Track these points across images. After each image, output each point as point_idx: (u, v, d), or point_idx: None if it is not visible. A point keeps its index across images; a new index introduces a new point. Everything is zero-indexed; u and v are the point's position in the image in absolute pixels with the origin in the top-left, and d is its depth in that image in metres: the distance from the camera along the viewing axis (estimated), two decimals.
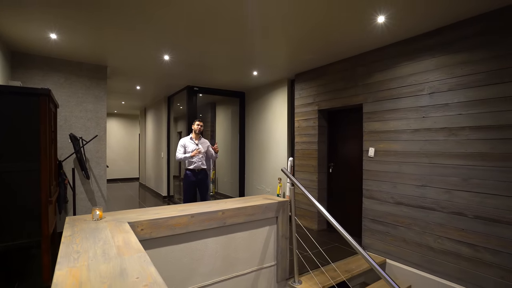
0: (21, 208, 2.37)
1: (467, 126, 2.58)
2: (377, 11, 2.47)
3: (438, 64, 2.78)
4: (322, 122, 4.21)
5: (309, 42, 3.21)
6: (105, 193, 4.15)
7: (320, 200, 4.20)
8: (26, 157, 2.36)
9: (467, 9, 2.42)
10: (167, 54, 3.64)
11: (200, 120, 4.03)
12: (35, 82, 3.59)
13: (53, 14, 2.53)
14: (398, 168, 3.11)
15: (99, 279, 1.03)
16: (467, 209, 2.57)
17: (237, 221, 2.28)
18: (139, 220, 1.87)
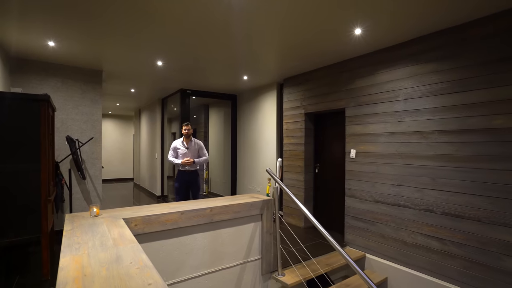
0: (22, 206, 2.54)
1: (436, 130, 2.81)
2: (354, 25, 2.69)
3: (411, 73, 3.02)
4: (309, 124, 4.43)
5: (296, 51, 3.43)
6: (100, 192, 4.31)
7: (307, 199, 4.42)
8: (27, 159, 2.54)
9: (432, 23, 2.65)
10: (160, 60, 3.82)
11: (187, 124, 4.18)
12: (33, 86, 3.74)
13: (51, 23, 2.70)
14: (376, 169, 3.34)
15: (99, 264, 1.22)
16: (435, 206, 2.81)
17: (224, 218, 2.48)
18: (133, 217, 2.05)
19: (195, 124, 8.19)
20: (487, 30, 2.46)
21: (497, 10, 2.37)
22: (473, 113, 2.56)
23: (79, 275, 1.11)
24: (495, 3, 2.25)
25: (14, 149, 2.51)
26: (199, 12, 2.44)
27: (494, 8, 2.34)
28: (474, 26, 2.54)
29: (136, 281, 1.06)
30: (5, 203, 2.49)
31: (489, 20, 2.44)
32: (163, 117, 7.00)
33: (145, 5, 2.33)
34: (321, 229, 2.38)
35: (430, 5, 2.31)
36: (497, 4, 2.27)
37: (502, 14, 2.37)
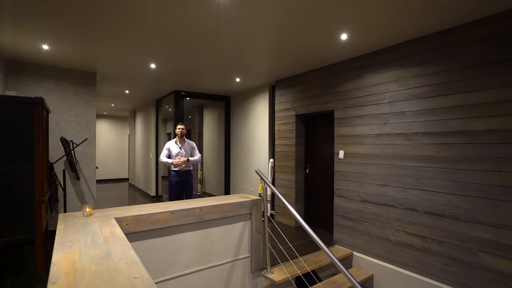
0: (17, 206, 2.60)
1: (419, 132, 2.92)
2: (340, 31, 2.79)
3: (395, 76, 3.13)
4: (300, 126, 4.53)
5: (286, 55, 3.52)
6: (95, 193, 4.37)
7: (298, 199, 4.52)
8: (21, 160, 2.60)
9: (416, 29, 2.76)
10: (153, 63, 3.90)
11: (182, 124, 4.28)
12: (28, 88, 3.79)
13: (46, 28, 2.76)
14: (363, 169, 3.45)
15: (89, 260, 1.30)
16: (418, 205, 2.92)
17: (214, 217, 2.57)
18: (125, 216, 2.13)
19: (189, 125, 8.26)
20: (468, 36, 2.57)
21: (477, 17, 2.48)
22: (453, 116, 2.67)
23: (70, 270, 1.19)
24: (475, 11, 2.36)
25: (9, 150, 2.58)
26: (188, 19, 2.52)
27: (474, 16, 2.45)
28: (456, 32, 2.65)
29: (123, 275, 1.15)
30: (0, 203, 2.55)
31: (470, 26, 2.55)
32: (157, 118, 7.06)
33: (137, 11, 2.41)
34: (307, 228, 2.48)
35: (413, 12, 2.41)
36: (477, 12, 2.38)
37: (482, 21, 2.48)
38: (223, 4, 2.24)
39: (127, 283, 1.08)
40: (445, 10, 2.35)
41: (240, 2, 2.24)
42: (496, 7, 2.30)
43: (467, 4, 2.26)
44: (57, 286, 1.06)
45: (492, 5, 2.26)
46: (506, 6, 2.28)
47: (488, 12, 2.38)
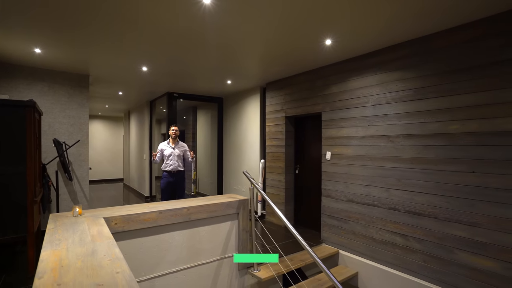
0: (9, 207, 2.67)
1: (401, 134, 3.03)
2: (325, 36, 2.89)
3: (379, 80, 3.24)
4: (289, 127, 4.63)
5: (275, 59, 3.62)
6: (87, 193, 4.43)
7: (288, 199, 4.62)
8: (14, 161, 2.66)
9: (398, 35, 2.87)
10: (145, 66, 3.97)
11: (175, 125, 4.37)
12: (21, 91, 3.85)
13: (37, 34, 2.83)
14: (349, 170, 3.55)
15: (75, 257, 1.38)
16: (400, 205, 3.03)
17: (201, 217, 2.65)
18: (113, 216, 2.21)
19: (183, 126, 8.33)
20: (446, 43, 2.68)
21: (456, 24, 2.59)
22: (433, 119, 2.78)
23: (56, 266, 1.27)
24: (455, 18, 2.47)
25: (1, 152, 2.64)
26: (177, 25, 2.61)
27: (453, 22, 2.56)
28: (436, 38, 2.76)
29: (106, 270, 1.23)
30: None
31: (449, 33, 2.66)
32: (151, 119, 7.12)
33: (128, 18, 2.48)
34: (291, 228, 2.58)
35: (394, 19, 2.52)
36: (456, 19, 2.49)
37: (459, 28, 2.59)
38: (208, 11, 2.33)
39: (109, 277, 1.16)
40: (421, 18, 2.46)
41: (224, 11, 2.32)
42: (473, 16, 2.41)
43: (443, 13, 2.37)
44: (43, 280, 1.14)
45: (469, 13, 2.37)
46: (482, 14, 2.39)
47: (466, 19, 2.49)
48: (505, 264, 2.30)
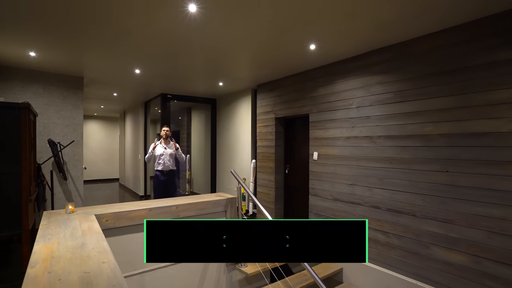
0: (4, 205, 2.77)
1: (382, 135, 3.17)
2: (309, 42, 3.02)
3: (362, 83, 3.37)
4: (279, 128, 4.76)
5: (264, 62, 3.75)
6: (82, 192, 4.54)
7: (277, 198, 4.75)
8: (9, 161, 2.77)
9: (378, 41, 3.01)
10: (138, 69, 4.08)
11: (166, 126, 4.49)
12: (16, 92, 3.95)
13: (33, 38, 2.93)
14: (334, 170, 3.69)
15: (66, 249, 1.50)
16: (381, 203, 3.16)
17: (190, 214, 2.77)
18: (104, 213, 2.33)
19: (178, 126, 8.43)
20: (423, 47, 2.82)
21: (429, 32, 2.73)
22: (410, 121, 2.92)
23: (48, 257, 1.39)
24: (427, 26, 2.61)
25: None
26: (164, 31, 2.72)
27: (426, 30, 2.70)
28: (413, 44, 2.90)
29: (93, 260, 1.35)
30: None
31: (425, 39, 2.80)
32: (146, 120, 7.22)
33: (119, 26, 2.60)
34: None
35: (372, 26, 2.65)
36: (428, 27, 2.63)
37: (432, 35, 2.73)
38: (194, 19, 2.45)
39: (95, 266, 1.29)
40: (396, 25, 2.60)
41: (210, 19, 2.45)
42: (444, 24, 2.55)
43: (417, 20, 2.51)
44: (35, 269, 1.26)
45: (441, 21, 2.51)
46: (452, 23, 2.54)
47: (438, 27, 2.63)
48: (474, 258, 2.44)
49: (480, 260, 2.41)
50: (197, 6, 2.24)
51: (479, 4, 2.20)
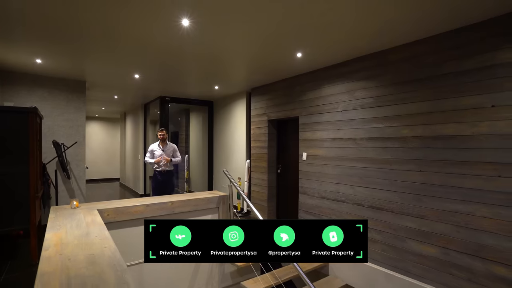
0: (13, 201, 3.02)
1: (364, 137, 3.40)
2: (296, 50, 3.26)
3: (346, 88, 3.61)
4: (272, 130, 5.00)
5: (256, 68, 4.00)
6: (84, 190, 4.78)
7: (270, 196, 4.98)
8: (18, 162, 3.01)
9: (358, 50, 3.24)
10: (137, 74, 4.32)
11: (162, 130, 4.69)
12: (23, 96, 4.19)
13: (38, 46, 3.17)
14: (321, 169, 3.92)
15: (73, 237, 1.74)
16: (364, 200, 3.40)
17: (184, 210, 3.01)
18: (106, 208, 2.56)
19: (177, 128, 8.67)
20: (399, 57, 3.05)
21: (405, 42, 2.96)
22: (389, 124, 3.15)
23: (58, 242, 1.63)
24: (404, 36, 2.84)
25: (7, 153, 2.99)
26: (161, 43, 2.97)
27: (402, 41, 2.93)
28: (390, 54, 3.13)
29: (96, 246, 1.59)
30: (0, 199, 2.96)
31: (401, 49, 3.03)
32: (145, 121, 7.46)
33: (117, 36, 2.84)
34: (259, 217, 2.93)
35: (352, 37, 2.89)
36: (405, 37, 2.86)
37: (408, 45, 2.96)
38: (186, 32, 2.69)
39: (98, 250, 1.52)
40: (375, 36, 2.84)
41: (202, 31, 2.69)
42: (418, 35, 2.78)
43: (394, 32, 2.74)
44: (48, 252, 1.50)
45: (414, 33, 2.75)
46: (424, 35, 2.77)
47: (412, 38, 2.86)
48: (443, 249, 2.67)
49: (448, 252, 2.64)
50: (189, 20, 2.47)
51: (444, 19, 2.44)
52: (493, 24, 2.39)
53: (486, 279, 2.40)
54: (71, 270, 1.26)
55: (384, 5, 2.23)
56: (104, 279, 1.18)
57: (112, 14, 2.38)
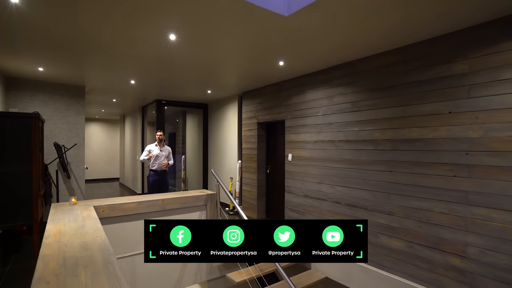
0: (17, 199, 3.29)
1: (342, 140, 3.66)
2: (278, 60, 3.52)
3: (327, 94, 3.86)
4: (261, 132, 5.26)
5: (246, 75, 4.27)
6: (84, 189, 5.06)
7: (259, 195, 5.25)
8: (22, 162, 3.29)
9: (335, 59, 3.50)
10: (133, 80, 4.60)
11: (160, 131, 4.98)
12: (26, 101, 4.47)
13: (42, 56, 3.45)
14: (305, 170, 4.18)
15: (70, 228, 2.01)
16: (341, 198, 3.65)
17: (174, 207, 3.27)
18: (101, 205, 2.83)
19: (174, 129, 8.95)
20: (370, 66, 3.31)
21: (376, 52, 3.22)
22: (363, 128, 3.41)
23: (57, 233, 1.90)
24: (374, 48, 3.10)
25: (12, 155, 3.27)
26: (151, 54, 3.24)
27: (374, 51, 3.19)
28: (363, 63, 3.39)
29: (90, 235, 1.86)
30: (5, 197, 3.24)
31: (371, 59, 3.29)
32: (143, 123, 7.74)
33: (110, 48, 3.11)
34: (242, 214, 3.20)
35: (324, 49, 3.15)
36: (375, 49, 3.12)
37: (379, 55, 3.22)
38: (174, 45, 2.96)
39: (91, 238, 1.79)
40: (348, 48, 3.10)
41: (189, 44, 2.95)
42: (388, 46, 3.04)
43: (364, 45, 3.00)
44: (48, 240, 1.76)
45: (385, 45, 3.00)
46: (395, 45, 3.02)
47: (383, 49, 3.12)
48: (408, 243, 2.93)
49: (412, 245, 2.90)
50: (176, 35, 2.74)
51: (409, 33, 2.69)
52: (449, 39, 2.64)
53: (443, 269, 2.66)
54: (67, 253, 1.53)
55: (350, 24, 2.49)
56: (94, 260, 1.45)
57: (107, 29, 2.65)
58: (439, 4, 2.14)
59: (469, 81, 2.52)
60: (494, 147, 2.37)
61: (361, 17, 2.38)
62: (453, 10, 2.22)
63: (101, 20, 2.45)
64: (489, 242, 2.40)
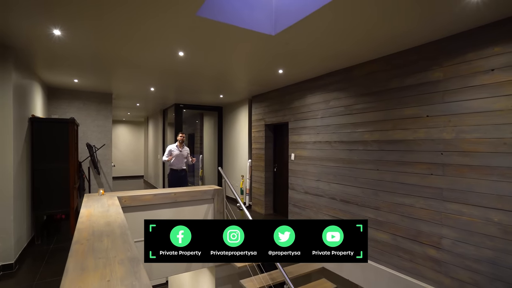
0: (58, 191, 3.95)
1: (337, 141, 3.97)
2: (277, 68, 3.91)
3: (324, 98, 4.19)
4: (269, 133, 5.65)
5: (253, 81, 4.68)
6: (111, 183, 5.73)
7: (267, 192, 5.64)
8: (61, 160, 3.94)
9: (329, 67, 3.83)
10: (152, 87, 5.18)
11: (182, 133, 5.49)
12: (64, 108, 5.20)
13: (77, 70, 4.08)
14: (305, 168, 4.52)
15: (98, 212, 2.54)
16: (336, 195, 3.96)
17: (185, 199, 3.76)
18: (124, 196, 3.38)
19: (193, 130, 9.56)
20: (359, 73, 3.60)
21: (362, 61, 3.52)
22: (355, 130, 3.71)
23: (89, 214, 2.43)
24: (359, 58, 3.40)
25: (53, 153, 3.92)
26: (165, 67, 3.75)
27: (360, 60, 3.49)
28: (352, 70, 3.69)
29: (112, 217, 2.37)
30: (48, 189, 3.91)
31: (359, 66, 3.58)
32: (164, 125, 8.40)
33: (130, 63, 3.66)
34: (245, 210, 3.61)
35: (316, 59, 3.50)
36: (361, 58, 3.42)
37: (365, 64, 3.51)
38: (181, 59, 3.44)
39: (113, 218, 2.30)
40: (338, 59, 3.42)
41: (191, 58, 3.42)
42: (372, 56, 3.33)
43: (348, 56, 3.32)
44: (82, 219, 2.29)
45: (368, 55, 3.30)
46: (377, 55, 3.31)
47: (368, 58, 3.41)
48: (392, 236, 3.20)
49: (395, 238, 3.17)
50: (183, 52, 3.22)
51: (389, 42, 2.98)
52: (426, 49, 2.90)
53: (422, 260, 2.92)
54: (95, 228, 2.04)
55: (335, 39, 2.83)
56: (114, 232, 1.94)
57: (129, 48, 3.19)
58: (420, 13, 2.43)
59: (444, 87, 2.76)
60: (464, 148, 2.61)
61: (347, 33, 2.71)
62: (430, 19, 2.49)
63: (124, 43, 2.98)
64: (460, 235, 2.64)
